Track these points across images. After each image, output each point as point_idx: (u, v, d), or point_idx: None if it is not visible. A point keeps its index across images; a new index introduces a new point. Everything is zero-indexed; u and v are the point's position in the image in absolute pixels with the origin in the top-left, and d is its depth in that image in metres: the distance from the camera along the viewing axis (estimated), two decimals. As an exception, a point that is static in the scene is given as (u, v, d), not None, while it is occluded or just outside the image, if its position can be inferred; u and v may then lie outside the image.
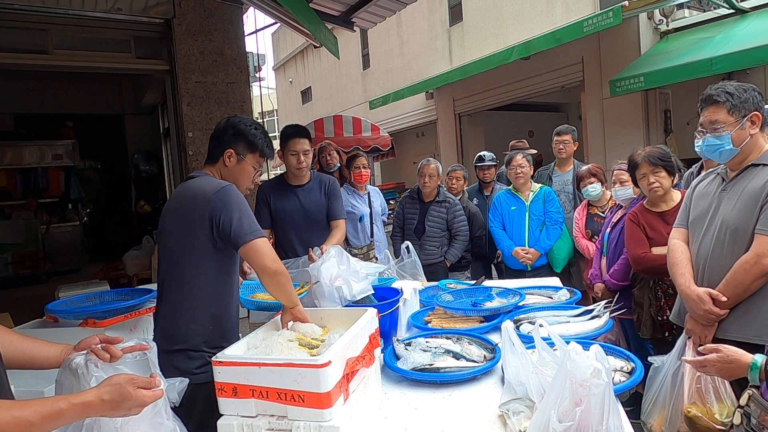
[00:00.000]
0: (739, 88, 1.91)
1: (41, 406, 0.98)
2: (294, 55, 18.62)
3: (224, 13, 5.17)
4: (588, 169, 3.71)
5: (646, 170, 2.65)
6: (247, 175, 1.96)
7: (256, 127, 1.95)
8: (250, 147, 1.93)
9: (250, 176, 1.97)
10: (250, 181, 1.98)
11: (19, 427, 0.93)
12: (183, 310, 1.79)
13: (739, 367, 1.38)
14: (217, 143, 1.94)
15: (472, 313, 2.40)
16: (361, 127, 7.53)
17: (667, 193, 2.69)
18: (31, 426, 0.95)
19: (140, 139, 8.97)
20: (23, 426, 0.94)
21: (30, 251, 7.92)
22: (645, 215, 2.74)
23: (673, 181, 2.69)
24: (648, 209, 2.76)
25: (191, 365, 1.76)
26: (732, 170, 2.02)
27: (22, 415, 0.94)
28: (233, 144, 1.91)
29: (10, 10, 4.26)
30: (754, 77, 7.10)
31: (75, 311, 2.63)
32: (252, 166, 1.95)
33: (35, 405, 0.98)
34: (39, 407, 0.98)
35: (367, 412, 1.54)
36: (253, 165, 1.95)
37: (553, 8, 8.71)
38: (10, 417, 0.93)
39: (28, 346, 1.23)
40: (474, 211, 4.20)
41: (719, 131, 1.92)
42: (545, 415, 1.22)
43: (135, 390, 1.08)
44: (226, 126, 1.95)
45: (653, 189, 2.65)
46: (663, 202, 2.71)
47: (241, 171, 1.94)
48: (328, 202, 2.98)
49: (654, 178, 2.64)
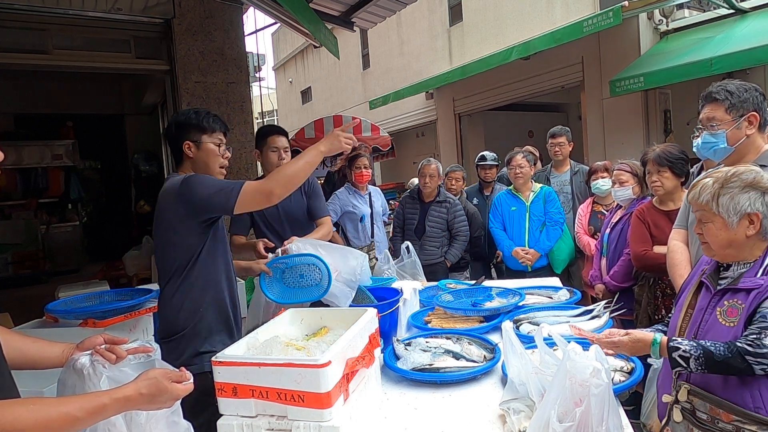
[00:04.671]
0: (740, 87, 1.91)
1: (86, 402, 1.02)
2: (294, 55, 18.61)
3: (224, 13, 5.17)
4: (603, 164, 3.72)
5: (651, 168, 2.69)
6: (213, 154, 1.99)
7: (196, 111, 2.00)
8: (199, 129, 1.96)
9: (216, 154, 1.99)
10: (220, 159, 2.01)
11: (67, 423, 0.97)
12: (170, 301, 1.90)
13: (645, 345, 1.48)
14: (173, 145, 2.01)
15: (472, 313, 2.40)
16: (361, 127, 7.53)
17: (673, 192, 2.70)
18: (78, 421, 0.99)
19: (140, 139, 8.96)
20: (71, 422, 0.98)
21: (30, 251, 7.90)
22: (651, 213, 2.75)
23: (683, 182, 2.70)
24: (656, 207, 2.77)
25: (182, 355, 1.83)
26: None
27: (68, 411, 0.98)
28: (184, 136, 1.96)
29: (10, 10, 4.25)
30: (754, 77, 7.10)
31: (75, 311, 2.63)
32: (212, 144, 1.98)
33: (80, 401, 1.03)
34: (84, 403, 1.02)
35: (367, 412, 1.54)
36: (212, 143, 1.98)
37: (552, 8, 8.71)
38: (58, 413, 0.96)
39: (29, 346, 1.23)
40: (473, 211, 4.19)
41: (715, 129, 1.92)
42: (545, 415, 1.22)
43: (170, 384, 1.13)
44: (168, 127, 2.02)
45: (654, 188, 2.71)
46: (671, 201, 2.71)
47: (206, 154, 1.98)
48: (308, 201, 2.87)
49: (657, 177, 2.66)
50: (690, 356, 1.37)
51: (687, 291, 1.63)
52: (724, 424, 1.36)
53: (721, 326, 1.42)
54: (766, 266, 1.42)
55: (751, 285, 1.40)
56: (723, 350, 1.34)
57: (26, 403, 0.95)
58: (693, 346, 1.38)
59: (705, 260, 1.66)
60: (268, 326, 1.71)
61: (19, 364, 1.19)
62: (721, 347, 1.35)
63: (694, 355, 1.36)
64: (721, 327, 1.42)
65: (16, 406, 0.94)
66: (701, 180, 1.53)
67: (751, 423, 1.33)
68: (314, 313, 1.82)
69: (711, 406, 1.39)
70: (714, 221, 1.47)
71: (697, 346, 1.37)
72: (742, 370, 1.32)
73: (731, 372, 1.35)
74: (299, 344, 1.61)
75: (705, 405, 1.40)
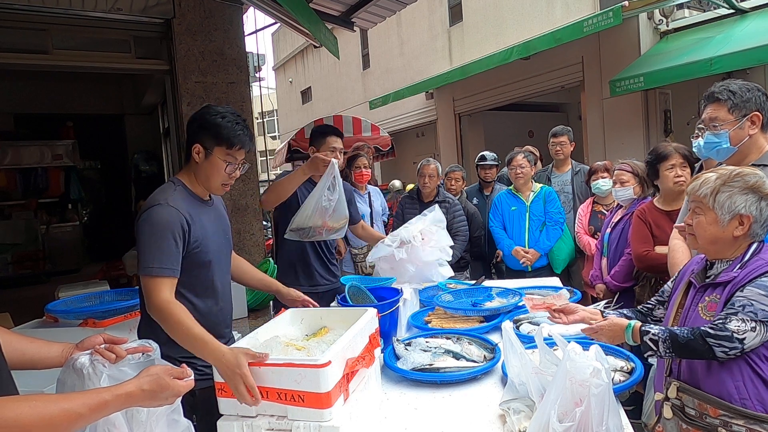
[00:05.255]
0: (743, 87, 1.90)
1: (88, 398, 1.02)
2: (294, 55, 18.62)
3: (224, 13, 5.17)
4: (603, 164, 3.71)
5: (675, 161, 2.63)
6: (217, 171, 1.73)
7: (223, 116, 1.72)
8: (216, 139, 1.71)
9: (220, 172, 1.74)
10: (223, 178, 1.76)
11: (69, 420, 0.97)
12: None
13: (621, 329, 1.53)
14: (188, 138, 1.78)
15: (472, 313, 2.40)
16: (361, 127, 7.53)
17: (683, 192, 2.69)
18: (80, 417, 0.99)
19: (140, 139, 8.97)
20: (73, 418, 0.98)
21: (30, 251, 7.91)
22: (653, 213, 2.74)
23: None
24: (657, 207, 2.75)
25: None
26: None
27: (71, 407, 0.98)
28: (199, 138, 1.73)
29: (10, 10, 4.25)
30: (754, 77, 7.10)
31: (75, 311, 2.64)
32: (220, 160, 1.72)
33: (82, 397, 1.03)
34: (86, 399, 1.02)
35: (367, 412, 1.54)
36: (222, 158, 1.72)
37: (553, 8, 8.71)
38: (60, 409, 0.96)
39: (28, 346, 1.23)
40: (473, 211, 4.19)
41: (718, 129, 1.91)
42: (545, 415, 1.22)
43: (171, 380, 1.13)
44: (191, 119, 1.77)
45: (678, 182, 2.60)
46: (675, 201, 2.70)
47: (210, 167, 1.73)
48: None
49: (682, 171, 2.61)
50: (659, 339, 1.43)
51: (677, 291, 1.66)
52: (712, 419, 1.38)
53: (702, 321, 1.47)
54: (744, 262, 1.47)
55: (726, 278, 1.46)
56: (686, 333, 1.41)
57: (28, 399, 0.95)
58: (661, 330, 1.45)
59: (695, 260, 1.69)
60: (268, 326, 1.71)
61: (18, 364, 1.19)
62: (685, 331, 1.42)
63: (661, 338, 1.43)
64: (702, 321, 1.47)
65: (18, 402, 0.94)
66: (705, 174, 1.56)
67: (738, 417, 1.34)
68: (314, 313, 1.82)
69: (698, 401, 1.42)
70: (706, 215, 1.50)
71: (665, 330, 1.44)
72: (703, 352, 1.38)
73: (696, 355, 1.42)
74: (299, 344, 1.61)
75: (693, 401, 1.44)
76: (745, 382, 1.37)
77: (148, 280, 1.60)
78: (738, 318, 1.35)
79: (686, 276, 1.65)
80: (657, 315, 1.75)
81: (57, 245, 8.22)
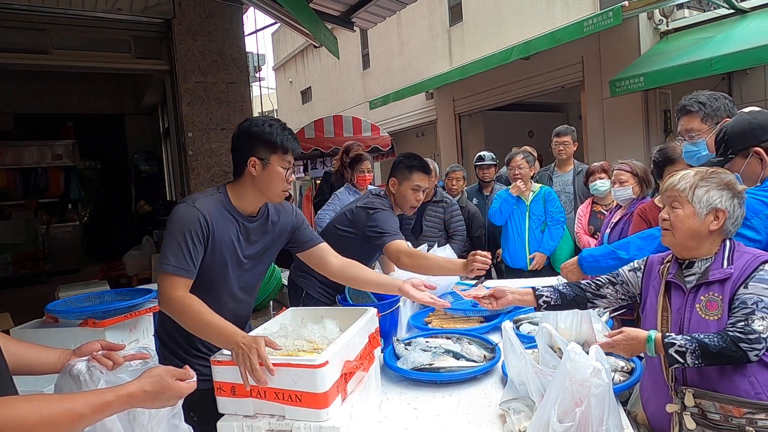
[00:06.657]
0: (711, 97, 2.03)
1: (91, 398, 1.02)
2: (294, 55, 18.61)
3: (224, 13, 5.17)
4: (600, 164, 3.71)
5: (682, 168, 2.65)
6: (279, 177, 1.76)
7: (270, 124, 1.77)
8: (271, 147, 1.74)
9: (282, 178, 1.77)
10: (284, 183, 1.79)
11: (72, 420, 0.97)
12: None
13: (640, 342, 1.46)
14: (237, 155, 1.80)
15: (472, 313, 2.40)
16: (361, 127, 7.54)
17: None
18: (83, 418, 0.99)
19: (140, 139, 8.98)
20: (75, 419, 0.97)
21: (30, 251, 7.92)
22: (654, 212, 2.74)
23: None
24: (658, 206, 2.75)
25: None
26: None
27: (73, 407, 0.97)
28: (253, 151, 1.75)
29: (10, 10, 4.25)
30: (753, 77, 7.11)
31: (75, 311, 2.63)
32: (279, 167, 1.76)
33: (85, 397, 1.02)
34: (89, 399, 1.01)
35: (366, 412, 1.54)
36: (280, 165, 1.76)
37: (553, 8, 8.71)
38: (62, 410, 0.96)
39: (25, 351, 1.23)
40: (473, 211, 4.19)
41: (695, 138, 2.04)
42: (545, 415, 1.22)
43: (174, 381, 1.13)
44: (238, 134, 1.79)
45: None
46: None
47: (270, 176, 1.75)
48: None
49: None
50: (686, 350, 1.37)
51: (651, 293, 1.63)
52: (738, 420, 1.36)
53: (705, 321, 1.45)
54: (728, 257, 1.49)
55: (721, 276, 1.46)
56: (717, 341, 1.36)
57: (31, 399, 0.94)
58: (688, 340, 1.39)
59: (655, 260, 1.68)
60: (268, 326, 1.71)
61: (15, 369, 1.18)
62: (714, 338, 1.37)
63: (690, 349, 1.37)
64: (705, 322, 1.45)
65: (20, 402, 0.93)
66: (683, 171, 1.63)
67: (760, 412, 1.34)
68: (314, 313, 1.82)
69: (720, 404, 1.39)
70: (684, 208, 1.53)
71: (692, 340, 1.38)
72: (738, 357, 1.35)
73: (727, 361, 1.38)
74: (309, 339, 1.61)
75: (714, 405, 1.39)
76: (756, 376, 1.37)
77: (163, 276, 1.63)
78: (758, 317, 1.35)
79: (654, 280, 1.63)
80: (603, 293, 1.73)
81: (57, 245, 8.23)
